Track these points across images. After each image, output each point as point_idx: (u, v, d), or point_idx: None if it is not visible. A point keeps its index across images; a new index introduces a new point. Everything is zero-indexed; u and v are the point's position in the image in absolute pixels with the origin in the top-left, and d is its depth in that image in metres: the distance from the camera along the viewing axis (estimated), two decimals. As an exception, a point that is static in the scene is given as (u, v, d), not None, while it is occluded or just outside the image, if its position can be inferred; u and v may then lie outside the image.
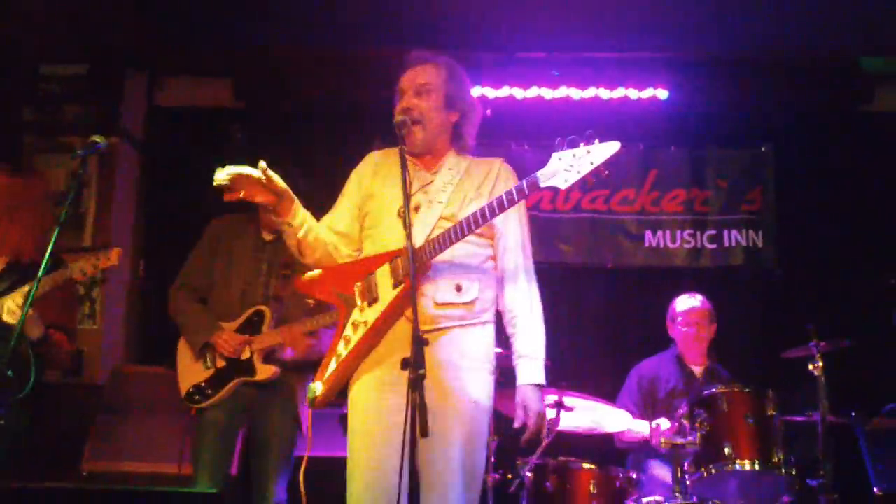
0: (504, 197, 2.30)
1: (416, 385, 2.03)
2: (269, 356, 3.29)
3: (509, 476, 3.42)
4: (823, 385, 3.34)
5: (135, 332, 4.84)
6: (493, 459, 3.42)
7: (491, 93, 4.89)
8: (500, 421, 3.49)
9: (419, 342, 2.07)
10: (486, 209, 2.30)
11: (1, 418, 2.97)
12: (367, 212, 2.55)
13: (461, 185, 2.50)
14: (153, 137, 5.07)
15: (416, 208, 2.44)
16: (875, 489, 3.70)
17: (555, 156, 2.26)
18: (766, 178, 4.92)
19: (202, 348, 3.30)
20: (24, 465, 3.98)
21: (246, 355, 3.26)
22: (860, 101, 4.87)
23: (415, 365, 2.05)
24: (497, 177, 2.53)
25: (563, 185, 2.23)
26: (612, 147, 2.20)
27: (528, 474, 3.37)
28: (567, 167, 2.23)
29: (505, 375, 3.47)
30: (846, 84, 4.84)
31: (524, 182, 2.29)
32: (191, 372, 3.31)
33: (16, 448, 3.37)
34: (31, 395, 3.02)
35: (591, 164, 2.20)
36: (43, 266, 2.63)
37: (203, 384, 3.28)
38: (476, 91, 4.87)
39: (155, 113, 5.10)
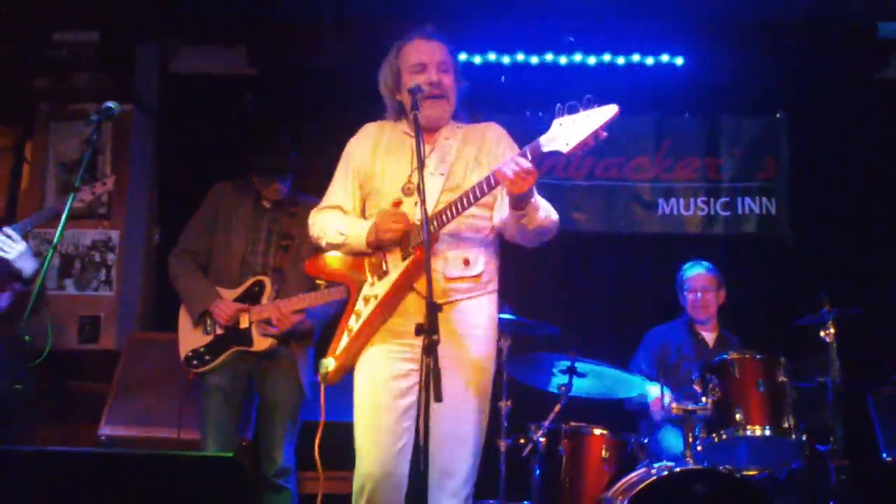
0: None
1: (431, 350, 2.07)
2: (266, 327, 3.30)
3: (522, 441, 3.46)
4: (835, 352, 3.35)
5: (151, 299, 4.89)
6: (505, 424, 3.47)
7: (506, 59, 4.86)
8: (513, 386, 3.54)
9: (433, 308, 2.10)
10: (492, 177, 2.33)
11: (19, 383, 3.02)
12: (369, 191, 2.58)
13: (460, 155, 2.53)
14: (167, 105, 5.07)
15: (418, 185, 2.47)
16: (884, 455, 3.74)
17: (555, 122, 2.29)
18: (780, 145, 4.88)
19: (201, 315, 3.32)
20: (42, 430, 4.08)
21: (244, 324, 3.27)
22: (876, 67, 4.81)
23: (429, 331, 2.09)
24: (492, 140, 2.58)
25: (564, 149, 2.26)
26: (611, 110, 2.23)
27: (541, 439, 3.42)
28: (567, 132, 2.26)
29: (516, 342, 3.54)
30: (862, 51, 4.77)
31: (527, 149, 2.32)
32: (191, 337, 3.35)
33: (30, 413, 3.43)
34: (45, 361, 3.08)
35: (591, 126, 2.23)
36: (59, 233, 2.65)
37: (202, 350, 3.31)
38: (491, 57, 4.85)
39: (168, 80, 5.09)
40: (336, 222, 2.56)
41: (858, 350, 3.64)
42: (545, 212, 2.45)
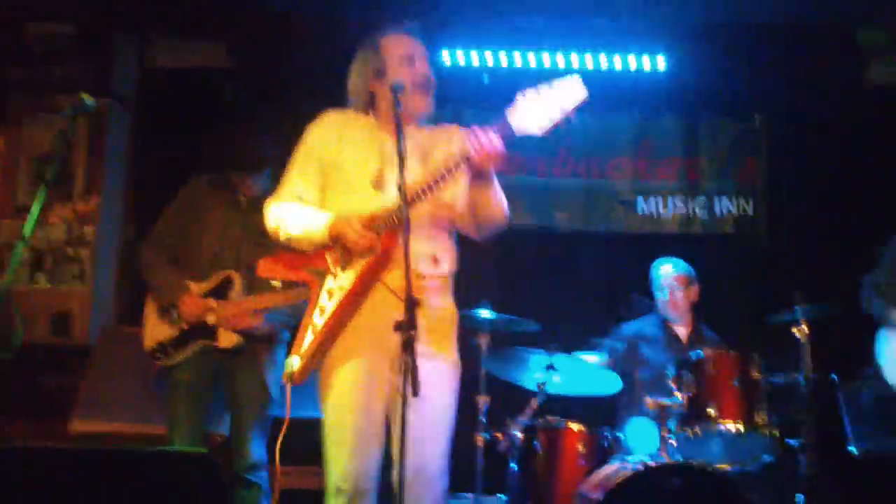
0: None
1: (409, 347, 2.08)
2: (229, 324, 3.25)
3: (499, 436, 3.47)
4: (807, 349, 3.41)
5: (125, 294, 4.84)
6: (483, 420, 3.48)
7: (489, 58, 4.86)
8: (491, 382, 3.56)
9: (411, 303, 2.11)
10: (460, 153, 2.31)
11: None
12: (334, 181, 2.52)
13: (427, 153, 2.52)
14: (145, 98, 5.02)
15: (387, 179, 2.45)
16: (852, 449, 3.81)
17: (519, 96, 2.28)
18: (759, 147, 4.95)
19: (168, 307, 3.29)
20: (12, 425, 4.02)
21: (211, 320, 3.24)
22: (855, 72, 4.87)
23: (407, 326, 2.09)
24: (458, 139, 2.55)
25: (538, 132, 2.26)
26: (577, 87, 2.22)
27: (518, 434, 3.43)
28: (536, 110, 2.25)
29: (495, 338, 3.56)
30: (841, 55, 4.84)
31: (496, 125, 2.29)
32: (157, 329, 3.32)
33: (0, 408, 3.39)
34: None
35: (561, 107, 2.23)
36: (31, 226, 2.61)
37: (167, 342, 3.28)
38: (473, 56, 4.84)
39: (147, 73, 5.04)
40: (295, 213, 2.49)
41: (830, 346, 3.69)
42: (501, 196, 2.47)
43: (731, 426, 3.24)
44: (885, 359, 3.63)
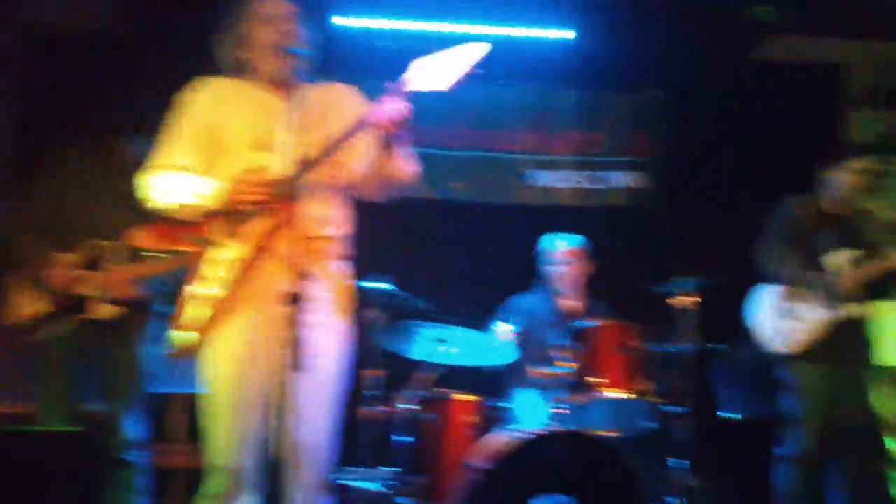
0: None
1: (297, 320, 2.04)
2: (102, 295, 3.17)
3: (390, 409, 3.48)
4: (690, 318, 3.54)
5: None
6: (374, 393, 3.48)
7: (388, 26, 4.78)
8: (383, 355, 3.57)
9: (302, 275, 2.07)
10: (362, 120, 2.27)
11: None
12: (217, 147, 2.44)
13: (315, 113, 2.45)
14: (29, 62, 4.73)
15: (273, 141, 2.39)
16: (726, 415, 4.01)
17: (413, 63, 2.23)
18: (656, 122, 5.06)
19: (36, 280, 3.16)
20: None
21: (82, 291, 3.14)
22: (744, 49, 5.03)
23: (294, 300, 2.06)
24: (346, 96, 2.54)
25: (443, 87, 2.20)
26: (478, 46, 2.19)
27: (410, 406, 3.44)
28: (434, 69, 2.21)
29: (388, 311, 3.57)
30: (736, 32, 4.98)
31: (392, 88, 2.24)
32: (26, 302, 3.19)
33: None
34: None
35: (461, 66, 2.19)
36: None
37: (37, 317, 3.16)
38: (371, 23, 4.74)
39: (30, 35, 4.74)
40: (181, 182, 2.40)
41: (715, 317, 3.84)
42: (410, 157, 2.43)
43: (616, 394, 3.34)
44: (754, 317, 3.73)
